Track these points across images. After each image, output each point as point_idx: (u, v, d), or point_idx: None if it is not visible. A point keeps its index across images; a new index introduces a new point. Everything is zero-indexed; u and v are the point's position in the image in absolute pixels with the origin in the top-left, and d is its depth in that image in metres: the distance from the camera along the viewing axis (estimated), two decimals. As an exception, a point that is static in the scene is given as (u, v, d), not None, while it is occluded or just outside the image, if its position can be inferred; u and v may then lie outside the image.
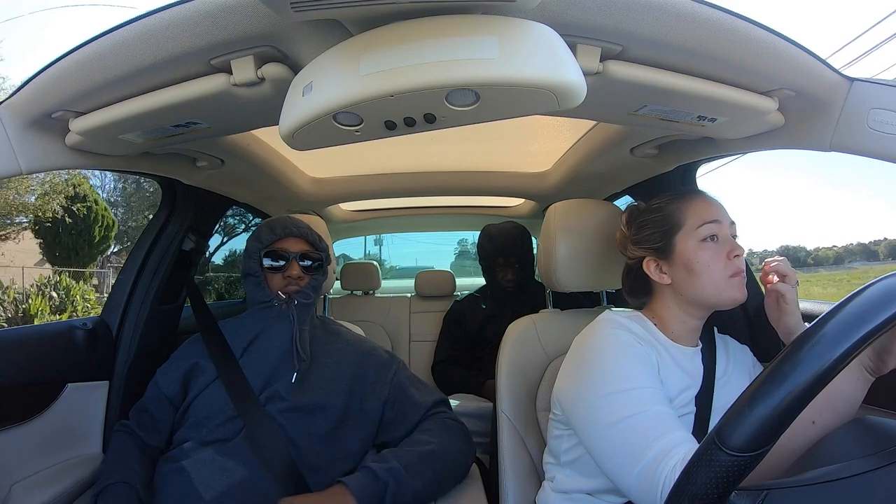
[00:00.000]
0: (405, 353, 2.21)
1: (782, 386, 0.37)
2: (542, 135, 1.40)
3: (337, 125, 0.61)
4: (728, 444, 0.37)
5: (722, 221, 0.79)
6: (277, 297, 1.01)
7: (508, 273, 1.80)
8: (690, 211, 0.81)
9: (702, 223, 0.79)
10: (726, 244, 0.78)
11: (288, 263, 1.03)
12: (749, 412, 0.37)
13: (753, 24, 0.65)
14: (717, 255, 0.78)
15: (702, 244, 0.78)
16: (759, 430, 0.36)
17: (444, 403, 1.01)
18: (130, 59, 0.67)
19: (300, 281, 1.03)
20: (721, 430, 0.38)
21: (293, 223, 1.06)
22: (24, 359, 0.98)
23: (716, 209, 0.80)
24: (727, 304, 0.78)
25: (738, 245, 0.79)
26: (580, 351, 0.80)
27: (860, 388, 0.67)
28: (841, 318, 0.38)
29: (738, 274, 0.77)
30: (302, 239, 1.05)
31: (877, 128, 0.72)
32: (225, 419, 0.90)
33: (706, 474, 0.38)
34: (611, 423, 0.68)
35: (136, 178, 5.25)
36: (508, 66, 0.52)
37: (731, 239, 0.80)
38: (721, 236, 0.79)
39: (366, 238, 5.32)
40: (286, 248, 1.03)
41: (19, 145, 0.77)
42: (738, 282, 0.77)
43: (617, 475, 0.67)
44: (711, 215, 0.79)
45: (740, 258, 0.77)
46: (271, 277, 1.02)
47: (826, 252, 13.42)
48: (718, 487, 0.37)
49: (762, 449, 0.37)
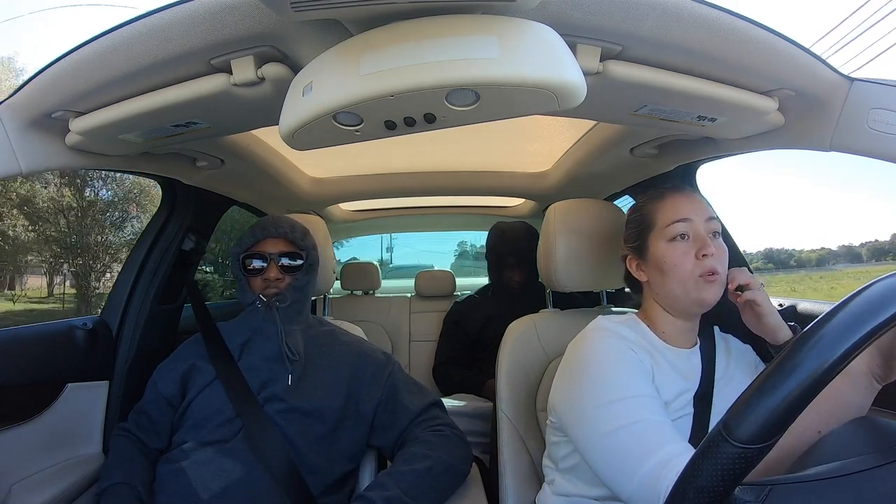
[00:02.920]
0: (405, 354, 2.21)
1: (790, 377, 0.37)
2: (542, 135, 1.40)
3: (337, 125, 0.61)
4: (735, 435, 0.37)
5: (693, 219, 0.77)
6: (259, 299, 1.00)
7: (517, 273, 1.77)
8: (662, 210, 0.80)
9: (670, 222, 0.78)
10: (697, 242, 0.76)
11: (266, 266, 1.01)
12: (756, 403, 0.37)
13: (753, 24, 0.65)
14: (686, 254, 0.76)
15: (671, 244, 0.77)
16: (766, 422, 0.36)
17: (437, 406, 1.00)
18: (130, 59, 0.67)
19: (279, 283, 1.01)
20: (728, 421, 0.38)
21: (273, 223, 1.04)
22: (24, 359, 0.98)
23: (687, 207, 0.78)
24: (696, 305, 0.77)
25: (707, 244, 0.75)
26: (573, 360, 0.79)
27: (867, 396, 0.67)
28: (849, 310, 0.38)
29: (707, 274, 0.74)
30: (281, 239, 1.03)
31: (877, 128, 0.72)
32: (224, 420, 0.90)
33: (712, 466, 0.37)
34: (608, 432, 0.68)
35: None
36: (508, 65, 0.52)
37: (705, 237, 0.76)
38: (693, 234, 0.77)
39: (381, 249, 5.38)
40: (264, 250, 1.02)
41: (19, 145, 0.77)
42: (706, 283, 0.75)
43: (616, 483, 0.66)
44: (680, 213, 0.77)
45: (710, 258, 0.74)
46: (252, 280, 1.02)
47: (809, 255, 13.44)
48: (724, 480, 0.37)
49: (768, 441, 0.37)
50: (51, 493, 0.92)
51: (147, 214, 7.00)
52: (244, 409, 0.89)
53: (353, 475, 0.98)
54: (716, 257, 0.75)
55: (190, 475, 0.83)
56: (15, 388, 0.96)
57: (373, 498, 0.78)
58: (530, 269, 1.78)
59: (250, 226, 1.06)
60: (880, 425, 0.48)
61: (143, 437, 0.94)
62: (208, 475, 0.83)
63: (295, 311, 1.02)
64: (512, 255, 1.76)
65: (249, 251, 1.02)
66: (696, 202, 0.79)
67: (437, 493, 0.85)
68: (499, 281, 1.85)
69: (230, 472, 0.84)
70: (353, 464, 0.97)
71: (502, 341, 1.07)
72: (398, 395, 0.99)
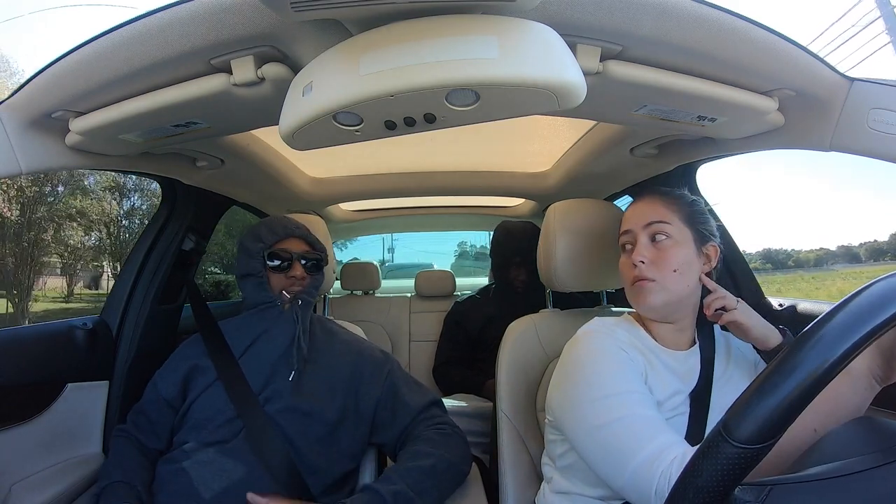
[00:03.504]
0: (405, 354, 2.21)
1: (790, 377, 0.37)
2: (542, 135, 1.40)
3: (337, 125, 0.61)
4: (734, 435, 0.37)
5: (632, 229, 0.81)
6: (281, 297, 1.01)
7: (522, 274, 1.75)
8: (622, 221, 0.85)
9: (619, 234, 0.84)
10: (633, 252, 0.80)
11: (291, 264, 1.04)
12: (756, 404, 0.37)
13: (753, 24, 0.65)
14: (626, 263, 0.81)
15: (622, 254, 0.84)
16: (766, 422, 0.36)
17: (437, 405, 1.00)
18: (130, 59, 0.67)
19: (303, 281, 1.04)
20: (728, 421, 0.38)
21: (294, 224, 1.07)
22: (24, 359, 0.98)
23: (629, 217, 0.82)
24: (642, 311, 0.81)
25: (637, 251, 0.79)
26: (568, 360, 0.81)
27: (866, 397, 0.67)
28: (849, 310, 0.38)
29: (635, 281, 0.78)
30: (302, 240, 1.07)
31: (877, 128, 0.72)
32: (225, 420, 0.89)
33: (712, 466, 0.37)
34: (600, 425, 0.69)
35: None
36: (508, 65, 0.52)
37: (639, 245, 0.79)
38: (635, 243, 0.80)
39: (384, 250, 5.42)
40: (288, 248, 1.04)
41: (19, 145, 0.77)
42: (637, 289, 0.78)
43: (608, 474, 0.68)
44: (624, 225, 0.83)
45: (637, 266, 0.78)
46: (274, 278, 1.03)
47: (807, 255, 13.36)
48: (724, 480, 0.37)
49: (768, 441, 0.37)
50: (51, 493, 0.92)
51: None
52: (245, 410, 0.89)
53: (354, 475, 0.98)
54: (648, 265, 0.78)
55: (191, 475, 0.84)
56: (15, 388, 0.96)
57: (380, 491, 0.79)
58: (534, 270, 1.77)
59: (260, 222, 1.08)
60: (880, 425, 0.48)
61: (141, 437, 0.94)
62: (209, 475, 0.83)
63: (309, 310, 1.05)
64: (519, 255, 1.74)
65: (273, 248, 1.03)
66: (641, 208, 0.82)
67: (440, 491, 0.86)
68: (503, 281, 1.82)
69: (231, 472, 0.84)
70: (354, 463, 0.97)
71: (502, 341, 1.07)
72: (398, 393, 0.99)
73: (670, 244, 0.78)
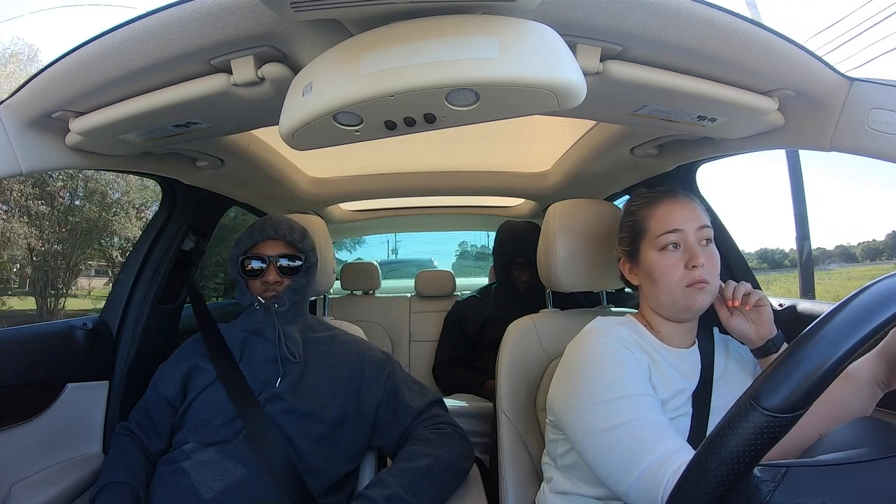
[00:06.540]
0: (405, 354, 2.21)
1: (824, 346, 0.37)
2: (542, 135, 1.40)
3: (337, 125, 0.61)
4: (764, 403, 0.37)
5: (684, 229, 0.77)
6: (258, 301, 1.00)
7: (525, 274, 1.74)
8: (654, 217, 0.80)
9: (662, 232, 0.78)
10: (687, 253, 0.77)
11: (265, 268, 1.01)
12: (790, 371, 0.37)
13: (753, 24, 0.65)
14: (676, 264, 0.77)
15: (661, 253, 0.78)
16: (799, 390, 0.36)
17: (438, 405, 1.00)
18: (130, 59, 0.67)
19: (277, 286, 1.01)
20: (757, 390, 0.38)
21: (271, 225, 1.03)
22: (24, 359, 0.98)
23: (678, 216, 0.78)
24: (683, 313, 0.79)
25: (696, 254, 0.76)
26: (571, 360, 0.80)
27: (870, 402, 0.68)
28: (884, 285, 0.39)
29: (695, 284, 0.75)
30: (280, 240, 1.02)
31: (877, 128, 0.72)
32: (225, 420, 0.89)
33: (739, 436, 0.37)
34: (606, 428, 0.68)
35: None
36: (508, 66, 0.52)
37: (694, 247, 0.77)
38: (685, 244, 0.77)
39: (388, 252, 5.44)
40: (263, 252, 1.01)
41: (19, 145, 0.77)
42: (693, 291, 0.76)
43: (613, 480, 0.67)
44: (672, 224, 0.78)
45: (699, 268, 0.75)
46: (251, 283, 1.02)
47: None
48: (750, 451, 0.37)
49: (798, 411, 0.36)
50: (51, 493, 0.92)
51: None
52: (245, 410, 0.89)
53: (354, 475, 0.98)
54: (706, 267, 0.76)
55: (191, 475, 0.83)
56: (15, 388, 0.96)
57: (373, 496, 0.78)
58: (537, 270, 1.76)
59: (248, 226, 1.06)
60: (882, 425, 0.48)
61: (143, 437, 0.94)
62: (209, 475, 0.83)
63: (293, 313, 1.02)
64: (522, 255, 1.72)
65: (248, 253, 1.01)
66: (688, 209, 0.79)
67: (438, 491, 0.85)
68: (505, 281, 1.82)
69: (231, 472, 0.84)
70: (354, 464, 0.97)
71: (502, 341, 1.07)
72: (399, 394, 0.99)
73: (713, 248, 0.79)
